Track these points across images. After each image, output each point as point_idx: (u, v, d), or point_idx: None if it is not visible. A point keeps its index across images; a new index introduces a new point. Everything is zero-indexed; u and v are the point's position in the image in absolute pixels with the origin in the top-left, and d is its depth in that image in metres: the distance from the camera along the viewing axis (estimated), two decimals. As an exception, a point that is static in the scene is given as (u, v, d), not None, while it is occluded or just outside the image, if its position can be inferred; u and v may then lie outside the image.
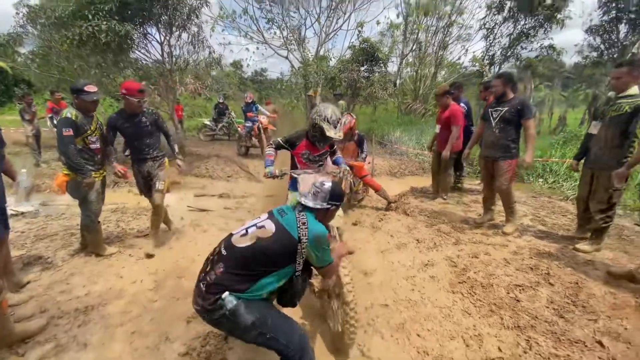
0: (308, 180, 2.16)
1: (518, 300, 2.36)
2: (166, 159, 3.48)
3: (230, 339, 2.14)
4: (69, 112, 2.71)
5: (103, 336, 2.13)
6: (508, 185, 3.35)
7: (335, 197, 1.69)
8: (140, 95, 2.94)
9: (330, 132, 2.42)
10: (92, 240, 3.08)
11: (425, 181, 7.04)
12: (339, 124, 2.49)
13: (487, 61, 13.97)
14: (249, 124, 8.20)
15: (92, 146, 2.89)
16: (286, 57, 11.94)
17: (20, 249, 3.11)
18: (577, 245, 3.05)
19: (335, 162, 2.88)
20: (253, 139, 8.33)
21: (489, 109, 3.45)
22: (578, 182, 3.36)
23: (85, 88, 2.76)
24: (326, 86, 10.43)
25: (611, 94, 2.97)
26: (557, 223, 3.82)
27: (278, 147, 2.72)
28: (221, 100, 11.65)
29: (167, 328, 2.23)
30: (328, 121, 2.43)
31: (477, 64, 13.56)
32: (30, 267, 2.85)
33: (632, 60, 2.80)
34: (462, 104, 4.84)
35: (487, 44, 13.97)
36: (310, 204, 1.66)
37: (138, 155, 3.19)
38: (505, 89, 3.29)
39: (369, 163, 5.14)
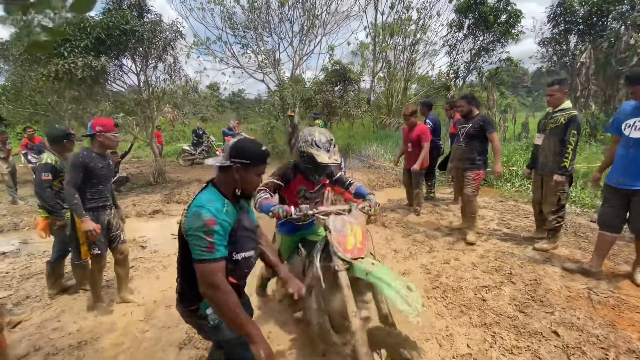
0: (341, 224, 1.80)
1: (484, 300, 2.61)
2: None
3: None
4: (49, 158, 2.88)
5: (97, 370, 2.20)
6: (473, 194, 3.67)
7: (239, 152, 1.35)
8: (116, 130, 2.71)
9: (324, 158, 1.93)
10: (78, 276, 3.13)
11: (402, 193, 7.40)
12: (331, 146, 2.00)
13: (452, 75, 14.87)
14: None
15: None
16: (262, 80, 12.30)
17: (7, 289, 3.11)
18: (536, 245, 3.38)
19: (358, 195, 2.25)
20: None
21: (458, 125, 3.82)
22: (532, 187, 3.74)
23: (71, 131, 3.07)
24: (302, 107, 10.79)
25: (549, 109, 3.39)
26: (520, 225, 4.17)
27: (274, 188, 2.08)
28: (199, 126, 11.81)
29: (160, 355, 2.32)
30: (317, 145, 1.96)
31: (443, 78, 14.42)
32: (20, 307, 2.86)
33: (560, 79, 3.23)
34: (428, 121, 5.26)
35: (451, 59, 14.92)
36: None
37: (98, 202, 2.68)
38: (470, 107, 3.67)
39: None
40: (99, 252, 2.70)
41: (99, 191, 2.70)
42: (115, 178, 7.59)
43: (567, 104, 3.20)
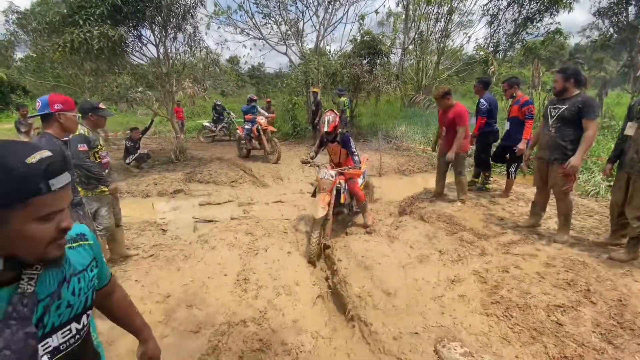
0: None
1: (560, 324, 2.16)
2: None
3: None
4: (82, 129, 2.76)
5: (112, 383, 1.96)
6: (566, 191, 3.12)
7: None
8: (75, 110, 2.40)
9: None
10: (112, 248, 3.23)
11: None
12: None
13: (492, 48, 13.57)
14: (247, 125, 8.01)
15: (103, 160, 2.97)
16: (285, 53, 11.62)
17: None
18: (613, 254, 2.85)
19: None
20: (253, 141, 8.12)
21: (549, 106, 3.20)
22: (612, 186, 3.14)
23: (100, 105, 2.91)
24: (328, 82, 10.13)
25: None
26: (585, 226, 3.61)
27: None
28: (218, 103, 11.45)
29: (180, 369, 2.06)
30: None
31: (481, 52, 13.17)
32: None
33: None
34: (482, 101, 4.59)
35: (491, 30, 13.58)
36: None
37: (74, 196, 2.49)
38: (566, 85, 3.02)
39: (368, 160, 5.04)
40: None
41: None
42: (136, 155, 7.43)
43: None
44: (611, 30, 11.64)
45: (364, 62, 9.45)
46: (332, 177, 3.69)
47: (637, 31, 9.89)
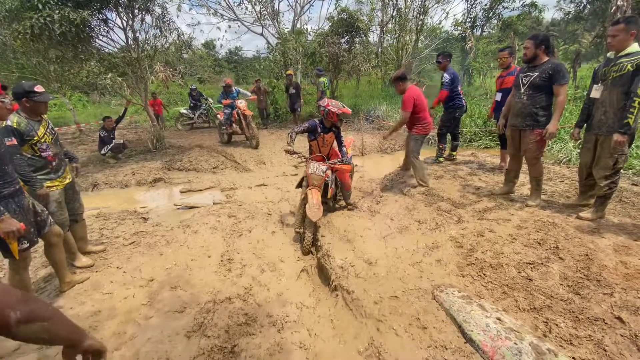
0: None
1: (530, 279, 2.29)
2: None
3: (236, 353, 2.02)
4: (10, 120, 2.38)
5: (97, 364, 1.96)
6: (537, 156, 3.22)
7: None
8: (3, 93, 2.15)
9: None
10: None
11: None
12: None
13: (469, 24, 13.59)
14: (227, 110, 7.77)
15: (44, 154, 2.60)
16: (261, 34, 11.28)
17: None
18: (581, 214, 3.00)
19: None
20: (234, 125, 7.92)
21: (520, 74, 3.24)
22: (580, 149, 3.27)
23: (35, 89, 2.49)
24: (306, 62, 9.94)
25: (610, 54, 2.80)
26: (556, 190, 3.77)
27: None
28: (193, 87, 11.07)
29: (166, 347, 2.08)
30: None
31: (459, 28, 13.16)
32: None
33: (628, 18, 2.62)
34: (446, 75, 4.76)
35: (468, 5, 13.54)
36: None
37: (11, 186, 2.15)
38: (537, 52, 3.05)
39: (352, 141, 4.94)
40: (28, 245, 2.22)
41: (6, 173, 2.10)
42: (111, 145, 7.18)
43: (635, 47, 2.63)
44: (584, 1, 11.81)
45: (342, 40, 9.30)
46: (323, 172, 3.46)
47: (610, 1, 10.08)
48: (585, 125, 3.06)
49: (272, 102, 10.83)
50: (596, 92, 2.83)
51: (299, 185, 3.81)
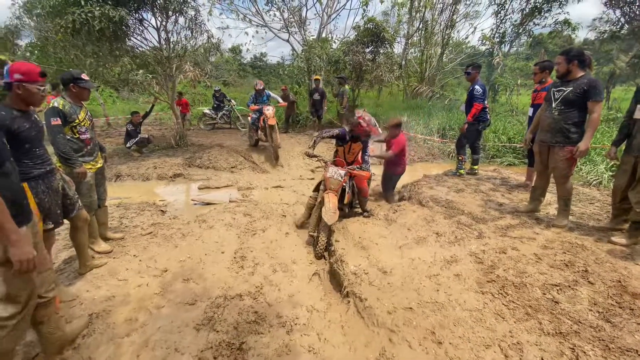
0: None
1: (556, 302, 2.15)
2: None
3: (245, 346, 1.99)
4: (57, 102, 2.63)
5: (108, 348, 1.98)
6: (567, 175, 3.09)
7: None
8: (42, 80, 2.14)
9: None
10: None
11: (436, 167, 6.82)
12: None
13: (498, 39, 13.37)
14: (254, 115, 7.46)
15: (82, 136, 2.80)
16: (287, 40, 11.48)
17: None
18: (614, 238, 2.82)
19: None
20: (259, 132, 7.55)
21: (552, 88, 3.14)
22: (616, 171, 3.10)
23: (82, 76, 2.74)
24: (330, 70, 10.01)
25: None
26: (586, 212, 3.59)
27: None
28: (217, 89, 11.32)
29: (175, 337, 2.07)
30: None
31: (487, 42, 12.96)
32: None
33: None
34: (477, 87, 4.68)
35: (498, 20, 13.33)
36: None
37: (42, 167, 2.18)
38: (570, 67, 2.95)
39: (373, 150, 4.94)
40: (52, 226, 2.25)
41: (38, 156, 2.14)
42: (137, 139, 7.41)
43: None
44: (622, 20, 11.35)
45: (367, 50, 9.33)
46: (342, 177, 3.43)
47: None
48: (622, 145, 2.91)
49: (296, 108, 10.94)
50: (639, 113, 2.68)
51: (316, 189, 3.79)
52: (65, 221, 2.47)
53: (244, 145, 8.24)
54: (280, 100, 7.96)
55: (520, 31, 13.12)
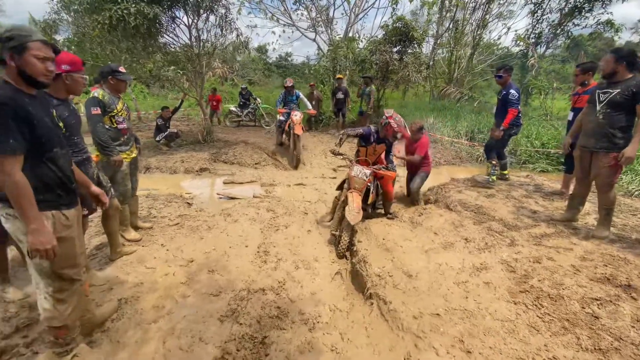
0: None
1: (596, 317, 2.01)
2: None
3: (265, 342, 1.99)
4: (97, 92, 2.76)
5: (136, 333, 2.04)
6: (610, 183, 2.89)
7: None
8: (83, 70, 2.20)
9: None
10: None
11: (463, 171, 6.60)
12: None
13: (533, 40, 12.77)
14: (281, 117, 7.24)
15: (120, 126, 2.91)
16: (314, 40, 11.51)
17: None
18: (661, 253, 2.61)
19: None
20: (283, 135, 7.30)
21: (597, 90, 2.94)
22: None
23: (120, 69, 2.87)
24: (355, 69, 9.93)
25: None
26: (628, 224, 3.35)
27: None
28: (243, 87, 11.51)
29: (200, 327, 2.11)
30: None
31: (521, 43, 12.41)
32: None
33: None
34: (513, 91, 4.35)
35: (533, 20, 12.72)
36: None
37: (78, 155, 2.30)
38: (617, 68, 2.76)
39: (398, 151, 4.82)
40: (86, 212, 2.30)
41: (75, 143, 2.24)
42: (166, 133, 7.66)
43: None
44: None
45: (394, 50, 9.17)
46: (367, 176, 3.38)
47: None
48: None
49: (319, 107, 10.93)
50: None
51: (340, 187, 3.75)
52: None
53: (267, 143, 8.33)
54: (309, 106, 7.54)
55: (558, 32, 12.46)
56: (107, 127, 2.81)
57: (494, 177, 4.77)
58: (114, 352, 1.91)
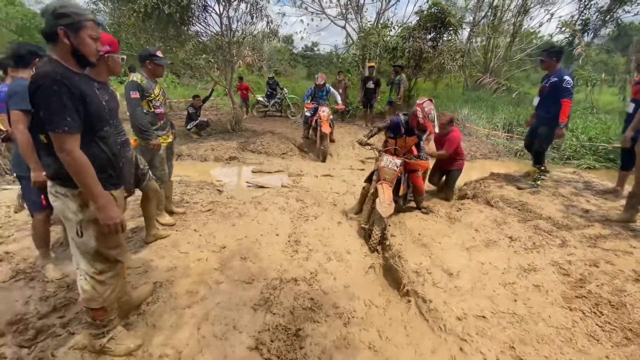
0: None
1: (668, 330, 1.79)
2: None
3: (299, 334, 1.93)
4: (135, 76, 2.78)
5: (171, 317, 2.05)
6: None
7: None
8: (120, 51, 2.16)
9: None
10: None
11: (501, 166, 6.24)
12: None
13: (580, 27, 11.78)
14: (308, 113, 6.98)
15: (157, 110, 2.94)
16: (343, 27, 11.23)
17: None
18: None
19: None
20: (310, 130, 7.11)
21: None
22: None
23: (157, 53, 2.88)
24: (386, 57, 9.59)
25: None
26: (699, 228, 2.99)
27: None
28: (271, 76, 11.45)
29: (234, 315, 2.08)
30: None
31: (566, 30, 11.47)
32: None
33: None
34: (568, 77, 3.66)
35: (581, 5, 11.73)
36: None
37: (118, 137, 2.09)
38: None
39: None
40: (126, 194, 2.20)
41: (115, 126, 2.08)
42: (197, 121, 7.78)
43: None
44: None
45: (428, 37, 8.74)
46: (397, 167, 3.20)
47: None
48: None
49: (345, 96, 10.70)
50: None
51: (368, 179, 3.59)
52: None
53: (294, 134, 8.26)
54: (339, 100, 7.20)
55: (607, 18, 11.42)
56: (145, 111, 2.84)
57: (539, 183, 4.12)
58: (149, 335, 1.91)
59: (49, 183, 1.51)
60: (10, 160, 4.86)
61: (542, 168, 4.11)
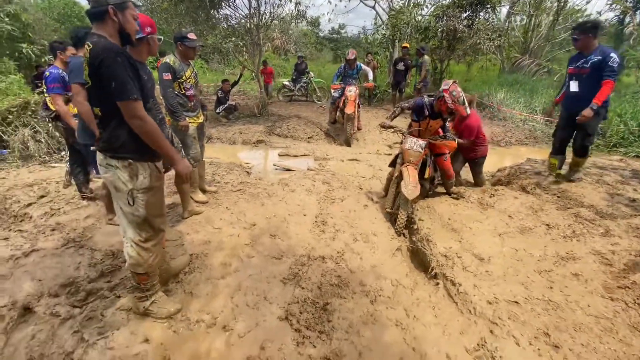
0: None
1: None
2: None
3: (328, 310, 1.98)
4: (168, 58, 2.86)
5: (206, 287, 2.16)
6: None
7: None
8: (155, 31, 2.24)
9: None
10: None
11: (538, 152, 5.91)
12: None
13: (631, 3, 10.64)
14: (335, 94, 6.84)
15: (187, 92, 3.00)
16: (373, 8, 10.84)
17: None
18: None
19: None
20: (337, 112, 6.99)
21: None
22: None
23: (189, 35, 2.89)
24: (418, 37, 9.19)
25: None
26: None
27: None
28: (301, 55, 11.27)
29: (265, 287, 2.17)
30: None
31: (617, 6, 10.41)
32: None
33: None
34: (615, 55, 3.05)
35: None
36: None
37: (157, 116, 2.26)
38: None
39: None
40: (163, 170, 2.44)
41: (153, 104, 2.25)
42: (225, 105, 7.94)
43: None
44: None
45: (464, 15, 8.25)
46: (422, 148, 3.10)
47: None
48: None
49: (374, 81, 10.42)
50: None
51: (392, 163, 3.50)
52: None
53: (319, 118, 8.22)
54: (371, 76, 6.90)
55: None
56: (176, 92, 2.90)
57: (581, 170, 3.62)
58: (187, 302, 2.04)
59: (99, 155, 1.61)
60: (57, 140, 5.23)
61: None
